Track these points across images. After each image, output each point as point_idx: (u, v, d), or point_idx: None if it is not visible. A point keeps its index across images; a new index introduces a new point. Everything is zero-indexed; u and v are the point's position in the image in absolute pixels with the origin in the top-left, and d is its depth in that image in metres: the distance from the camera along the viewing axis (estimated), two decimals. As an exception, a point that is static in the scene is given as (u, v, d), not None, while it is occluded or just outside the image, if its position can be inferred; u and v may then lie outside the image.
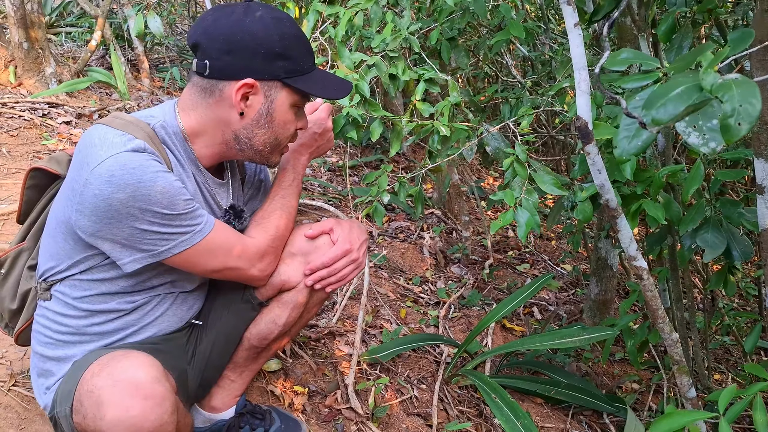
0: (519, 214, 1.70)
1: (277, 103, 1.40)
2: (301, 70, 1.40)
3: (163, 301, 1.49)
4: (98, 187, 1.24)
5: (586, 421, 2.49)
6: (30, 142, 3.33)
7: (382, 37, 2.10)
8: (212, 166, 1.50)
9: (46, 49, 4.13)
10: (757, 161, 1.66)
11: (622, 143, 1.11)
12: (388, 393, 2.23)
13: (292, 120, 1.45)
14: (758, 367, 1.39)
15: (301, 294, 1.60)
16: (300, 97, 1.43)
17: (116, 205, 1.25)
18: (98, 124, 1.35)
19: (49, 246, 1.41)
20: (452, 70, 3.24)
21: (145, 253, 1.33)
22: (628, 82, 1.13)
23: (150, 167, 1.27)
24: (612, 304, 3.11)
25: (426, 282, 3.33)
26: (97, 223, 1.27)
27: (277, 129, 1.43)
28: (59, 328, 1.43)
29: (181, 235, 1.34)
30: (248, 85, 1.35)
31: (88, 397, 1.23)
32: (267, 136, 1.43)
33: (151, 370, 1.25)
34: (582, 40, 1.41)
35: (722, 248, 1.77)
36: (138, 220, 1.28)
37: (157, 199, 1.27)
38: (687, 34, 1.66)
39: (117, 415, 1.19)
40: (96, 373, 1.25)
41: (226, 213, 1.57)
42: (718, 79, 0.84)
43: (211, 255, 1.40)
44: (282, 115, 1.42)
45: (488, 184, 4.98)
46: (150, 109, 1.45)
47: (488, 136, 1.99)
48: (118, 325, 1.44)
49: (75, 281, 1.40)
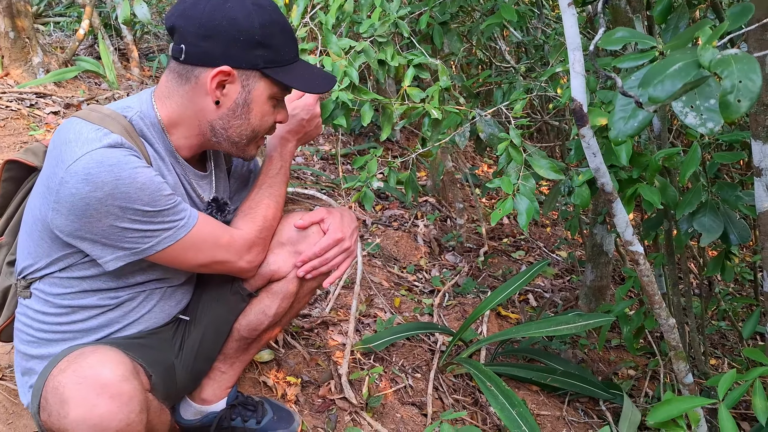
0: (518, 202, 1.67)
1: (254, 94, 1.35)
2: (281, 61, 1.34)
3: (150, 297, 1.45)
4: (74, 186, 1.19)
5: (582, 408, 2.48)
6: (17, 133, 3.28)
7: (370, 22, 2.06)
8: (193, 157, 1.45)
9: (33, 39, 4.06)
10: (754, 143, 1.63)
11: (618, 124, 1.08)
12: (382, 382, 2.21)
13: (270, 112, 1.39)
14: (758, 351, 1.37)
15: (291, 284, 1.57)
16: (279, 89, 1.37)
17: (94, 204, 1.20)
18: (73, 117, 1.30)
19: (27, 243, 1.36)
20: (445, 56, 3.20)
21: (126, 251, 1.29)
22: (624, 61, 1.10)
23: (128, 163, 1.22)
24: (608, 290, 3.10)
25: (420, 270, 3.30)
26: (75, 223, 1.23)
27: (254, 121, 1.38)
28: (40, 326, 1.39)
29: (164, 231, 1.29)
30: (224, 72, 1.30)
31: (53, 394, 1.19)
32: (243, 128, 1.38)
33: (119, 368, 1.20)
34: (576, 20, 1.37)
35: (719, 232, 1.74)
36: (118, 219, 1.23)
37: (137, 196, 1.23)
38: (683, 15, 1.63)
39: (81, 414, 1.15)
40: (62, 369, 1.21)
41: (209, 206, 1.52)
42: (717, 55, 0.81)
43: (197, 250, 1.36)
44: (259, 106, 1.37)
45: (482, 171, 4.95)
46: (127, 99, 1.39)
47: (482, 122, 1.95)
48: (101, 322, 1.40)
49: (54, 279, 1.36)
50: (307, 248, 1.55)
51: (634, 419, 2.11)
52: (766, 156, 1.63)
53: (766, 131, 1.62)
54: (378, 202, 3.97)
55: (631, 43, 1.50)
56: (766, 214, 1.67)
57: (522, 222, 1.64)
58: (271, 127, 1.44)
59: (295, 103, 1.60)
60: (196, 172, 1.47)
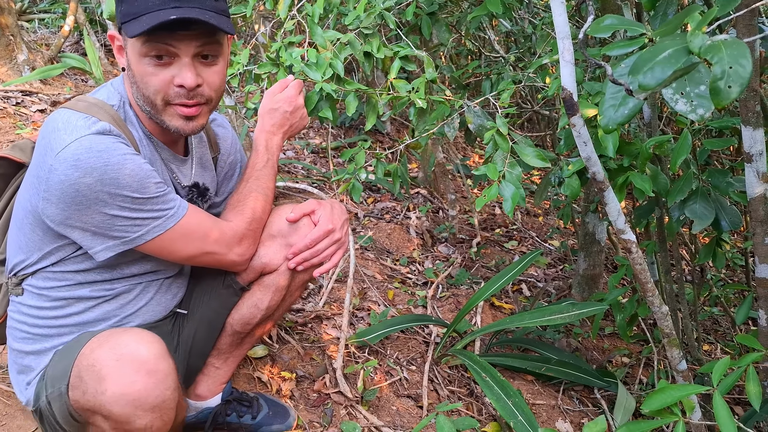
0: (504, 188, 1.67)
1: (130, 54, 1.28)
2: (135, 12, 1.22)
3: (146, 289, 1.44)
4: (64, 173, 1.19)
5: (577, 397, 2.48)
6: (4, 132, 3.25)
7: (356, 13, 2.04)
8: (174, 142, 1.44)
9: (18, 36, 4.02)
10: (744, 129, 1.63)
11: (608, 112, 1.07)
12: (377, 375, 2.21)
13: (149, 72, 1.26)
14: (750, 337, 1.37)
15: (283, 276, 1.56)
16: (141, 43, 1.23)
17: (84, 191, 1.20)
18: (61, 108, 1.29)
19: (17, 238, 1.35)
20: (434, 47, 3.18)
21: (116, 241, 1.28)
22: (613, 48, 1.09)
23: (117, 149, 1.22)
24: (600, 278, 3.11)
25: (413, 262, 3.30)
26: (65, 211, 1.22)
27: (140, 84, 1.28)
28: (35, 321, 1.37)
29: (153, 220, 1.29)
30: (111, 36, 1.32)
31: (89, 372, 1.20)
32: (138, 94, 1.31)
33: (155, 346, 1.23)
34: (565, 9, 1.36)
35: (711, 218, 1.74)
36: (107, 206, 1.22)
37: (127, 183, 1.22)
38: (672, 1, 1.62)
39: (119, 390, 1.17)
40: (96, 347, 1.22)
41: (190, 191, 1.51)
42: (707, 41, 0.80)
43: (187, 240, 1.35)
44: (135, 65, 1.27)
45: (474, 162, 4.95)
46: (108, 86, 1.37)
47: (471, 113, 1.94)
48: (98, 315, 1.39)
49: (47, 273, 1.34)
50: (298, 240, 1.54)
51: (628, 407, 2.12)
52: (756, 142, 1.63)
53: (756, 117, 1.62)
54: (370, 194, 3.96)
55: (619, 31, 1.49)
56: (757, 200, 1.67)
57: (507, 208, 1.64)
58: (172, 92, 1.28)
59: (276, 96, 1.59)
60: (176, 156, 1.45)
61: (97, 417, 1.22)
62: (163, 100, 1.29)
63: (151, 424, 1.21)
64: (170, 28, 1.21)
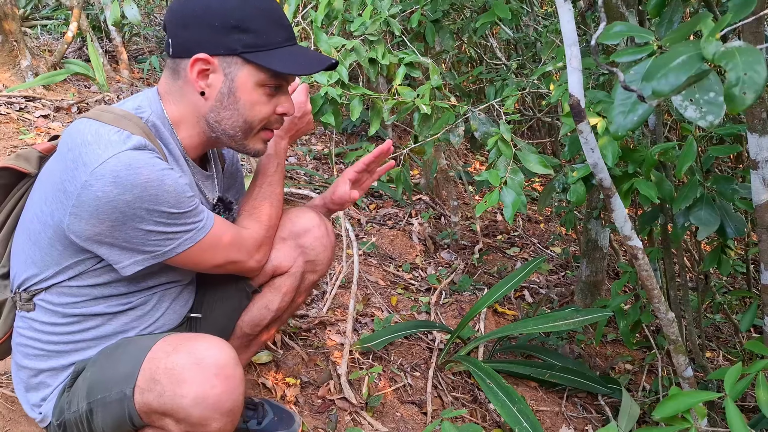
0: (505, 195, 1.67)
1: (238, 82, 1.29)
2: (264, 45, 1.27)
3: (162, 299, 1.42)
4: (101, 189, 1.16)
5: (581, 404, 2.48)
6: (7, 137, 3.25)
7: (361, 20, 2.05)
8: (198, 158, 1.43)
9: (21, 42, 4.03)
10: (750, 136, 1.64)
11: (617, 118, 1.08)
12: (381, 382, 2.20)
13: (261, 101, 1.32)
14: (759, 344, 1.37)
15: (293, 278, 1.57)
16: (267, 75, 1.29)
17: (122, 207, 1.18)
18: (85, 118, 1.25)
19: (31, 252, 1.31)
20: (437, 53, 3.19)
21: (147, 255, 1.27)
22: (623, 55, 1.10)
23: (155, 165, 1.20)
24: (603, 285, 3.10)
25: (416, 268, 3.30)
26: (97, 227, 1.20)
27: (243, 110, 1.31)
28: (49, 337, 1.34)
29: (185, 233, 1.28)
30: (201, 60, 1.26)
31: (168, 375, 1.20)
32: (235, 119, 1.32)
33: (231, 352, 1.24)
34: (572, 16, 1.37)
35: (716, 225, 1.74)
36: (144, 221, 1.21)
37: (165, 198, 1.21)
38: (677, 8, 1.62)
39: (201, 394, 1.18)
40: (172, 351, 1.22)
41: (215, 206, 1.51)
42: (721, 47, 0.80)
43: (214, 251, 1.35)
44: (246, 94, 1.30)
45: (475, 169, 4.95)
46: (134, 99, 1.35)
47: (476, 120, 1.95)
48: (115, 328, 1.36)
49: (63, 288, 1.31)
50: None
51: (632, 413, 2.12)
52: (763, 149, 1.63)
53: (762, 124, 1.62)
54: (372, 201, 3.96)
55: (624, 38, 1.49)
56: (762, 207, 1.67)
57: (507, 214, 1.64)
58: (269, 118, 1.36)
59: None
60: (203, 172, 1.45)
61: (168, 420, 1.22)
62: (263, 126, 1.36)
63: (223, 428, 1.23)
64: None
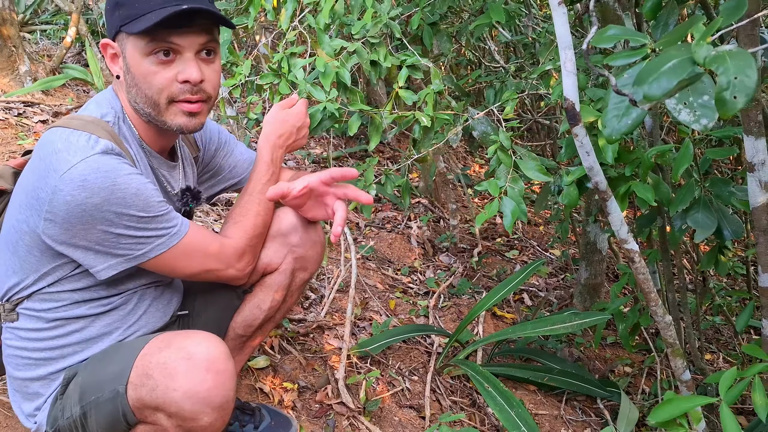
0: (504, 205, 1.67)
1: (129, 57, 1.29)
2: (137, 13, 1.24)
3: (143, 298, 1.43)
4: (70, 193, 1.19)
5: (580, 407, 2.47)
6: (6, 142, 3.25)
7: (362, 23, 2.05)
8: (163, 149, 1.44)
9: (20, 47, 4.03)
10: (746, 139, 1.63)
11: (611, 122, 1.08)
12: (379, 386, 2.20)
13: (152, 70, 1.27)
14: (756, 347, 1.37)
15: (283, 275, 1.57)
16: (145, 41, 1.25)
17: (90, 210, 1.20)
18: (54, 127, 1.28)
19: (11, 263, 1.33)
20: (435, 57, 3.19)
21: (120, 258, 1.28)
22: (616, 59, 1.10)
23: (122, 169, 1.23)
24: (602, 288, 3.10)
25: (415, 272, 3.30)
26: (69, 230, 1.22)
27: (141, 85, 1.29)
28: (35, 345, 1.35)
29: (157, 238, 1.29)
30: (104, 45, 1.32)
31: (160, 370, 1.21)
32: (140, 96, 1.31)
33: (222, 347, 1.24)
34: (567, 19, 1.37)
35: (713, 228, 1.74)
36: (113, 225, 1.23)
37: (133, 202, 1.23)
38: (673, 11, 1.62)
39: (192, 387, 1.19)
40: (164, 347, 1.24)
41: (183, 195, 1.52)
42: (712, 51, 0.80)
43: (188, 258, 1.36)
44: (137, 68, 1.28)
45: (474, 171, 4.95)
46: (97, 100, 1.36)
47: (474, 120, 1.95)
48: (99, 329, 1.38)
49: (44, 295, 1.33)
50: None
51: (632, 417, 2.11)
52: (759, 151, 1.62)
53: (758, 126, 1.62)
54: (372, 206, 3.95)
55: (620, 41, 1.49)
56: (759, 210, 1.67)
57: (506, 224, 1.65)
58: (176, 89, 1.30)
59: (286, 111, 1.61)
60: (168, 162, 1.46)
61: (160, 415, 1.23)
62: (168, 98, 1.30)
63: (214, 422, 1.23)
64: (176, 23, 1.23)
